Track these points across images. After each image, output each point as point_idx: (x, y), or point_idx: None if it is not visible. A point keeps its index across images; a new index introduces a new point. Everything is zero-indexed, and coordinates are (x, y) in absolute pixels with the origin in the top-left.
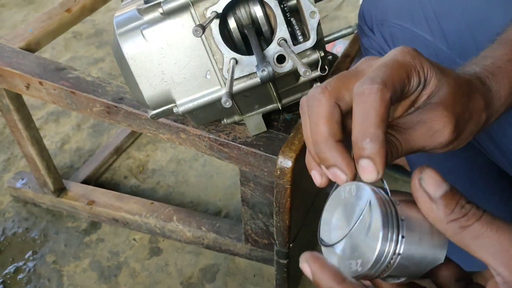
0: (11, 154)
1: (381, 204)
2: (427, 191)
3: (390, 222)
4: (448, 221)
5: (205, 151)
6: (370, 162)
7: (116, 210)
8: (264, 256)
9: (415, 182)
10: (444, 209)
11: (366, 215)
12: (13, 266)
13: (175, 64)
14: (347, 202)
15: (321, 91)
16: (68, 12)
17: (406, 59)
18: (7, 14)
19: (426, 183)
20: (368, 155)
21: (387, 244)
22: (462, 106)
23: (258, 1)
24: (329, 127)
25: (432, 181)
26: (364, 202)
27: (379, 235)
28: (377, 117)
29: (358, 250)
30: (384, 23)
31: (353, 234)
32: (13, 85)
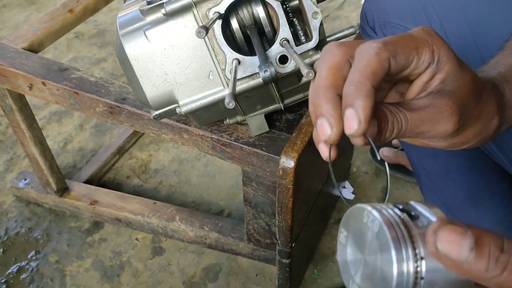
0: (14, 154)
1: (386, 220)
2: (450, 258)
3: (402, 239)
4: (487, 279)
5: (207, 151)
6: (352, 111)
7: (119, 210)
8: (266, 256)
9: (433, 250)
10: (478, 268)
11: (374, 237)
12: (16, 266)
13: (177, 64)
14: (351, 238)
15: (338, 44)
16: (71, 12)
17: (421, 34)
18: (9, 14)
19: (446, 249)
20: (352, 102)
21: (404, 264)
22: (473, 102)
23: (261, 2)
24: (333, 77)
25: (450, 244)
26: (367, 223)
27: (392, 256)
28: (367, 68)
29: (377, 277)
30: (386, 23)
31: (368, 260)
32: (16, 85)
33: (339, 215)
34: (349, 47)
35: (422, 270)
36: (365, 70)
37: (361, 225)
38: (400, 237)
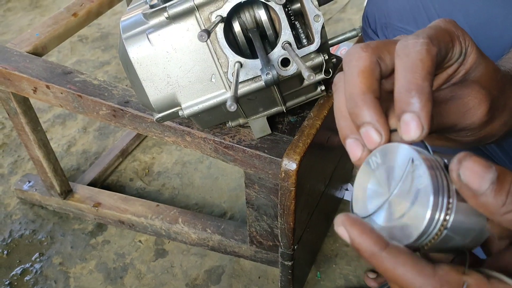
0: (18, 156)
1: (428, 163)
2: (470, 188)
3: (441, 185)
4: (502, 214)
5: (210, 153)
6: (415, 116)
7: (122, 212)
8: (268, 258)
9: (455, 178)
10: (495, 202)
11: (409, 176)
12: (20, 267)
13: (180, 67)
14: (382, 169)
15: (363, 46)
16: (74, 16)
17: (449, 26)
18: (13, 18)
19: (468, 178)
20: (413, 109)
21: (437, 213)
22: (498, 90)
23: (263, 5)
24: (369, 81)
25: (473, 174)
26: (404, 162)
27: (429, 202)
28: (423, 69)
29: (402, 219)
30: (388, 26)
31: (395, 200)
32: (20, 88)
33: None
34: (376, 48)
35: (449, 222)
36: (420, 70)
37: (401, 168)
38: (440, 185)
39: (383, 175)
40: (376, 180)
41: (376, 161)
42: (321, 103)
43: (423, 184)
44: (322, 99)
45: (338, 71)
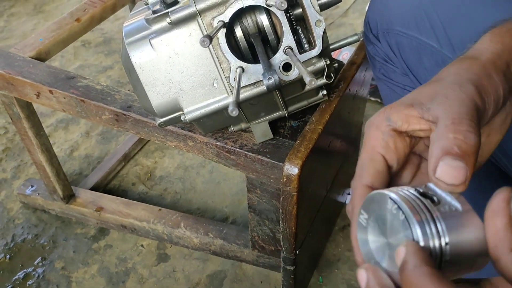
0: (21, 161)
1: (403, 198)
2: (446, 182)
3: (426, 222)
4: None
5: (212, 158)
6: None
7: (124, 217)
8: (271, 263)
9: (433, 180)
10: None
11: (395, 217)
12: (23, 272)
13: (182, 72)
14: (372, 221)
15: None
16: (78, 21)
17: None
18: (17, 23)
19: (442, 174)
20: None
21: (431, 242)
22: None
23: (264, 10)
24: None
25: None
26: (385, 207)
27: (418, 233)
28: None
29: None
30: (389, 31)
31: (393, 243)
32: (23, 93)
33: (344, 222)
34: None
35: (446, 240)
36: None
37: (383, 211)
38: (423, 218)
39: (375, 226)
40: (373, 233)
41: (364, 217)
42: (323, 108)
43: (408, 223)
44: (324, 104)
45: (339, 76)
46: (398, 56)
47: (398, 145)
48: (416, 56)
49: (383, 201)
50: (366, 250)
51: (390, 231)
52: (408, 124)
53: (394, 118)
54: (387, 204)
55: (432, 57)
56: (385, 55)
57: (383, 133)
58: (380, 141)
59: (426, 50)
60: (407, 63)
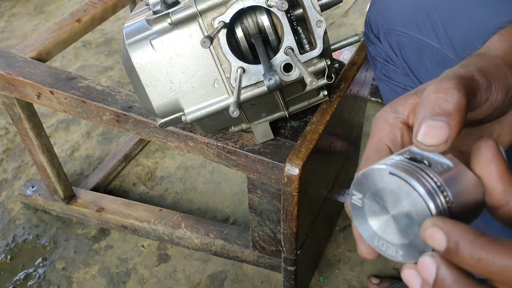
0: (22, 161)
1: (402, 168)
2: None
3: (416, 173)
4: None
5: (213, 158)
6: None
7: (125, 217)
8: (271, 263)
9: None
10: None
11: (393, 189)
12: (24, 272)
13: (183, 73)
14: (367, 199)
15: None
16: (78, 22)
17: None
18: (18, 23)
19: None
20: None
21: (436, 197)
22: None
23: (265, 11)
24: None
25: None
26: (382, 181)
27: (423, 194)
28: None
29: (414, 225)
30: (390, 31)
31: (397, 216)
32: (24, 94)
33: (345, 222)
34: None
35: (449, 195)
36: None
37: (380, 185)
38: (425, 182)
39: (373, 203)
40: (371, 212)
41: (358, 198)
42: (324, 108)
43: (409, 188)
44: (325, 104)
45: (340, 76)
46: (399, 56)
47: (406, 138)
48: (417, 56)
49: (378, 175)
50: (369, 234)
51: (392, 204)
52: (414, 114)
53: (401, 109)
54: (384, 177)
55: (433, 57)
56: (386, 55)
57: (390, 125)
58: (387, 133)
59: (427, 50)
60: (408, 63)
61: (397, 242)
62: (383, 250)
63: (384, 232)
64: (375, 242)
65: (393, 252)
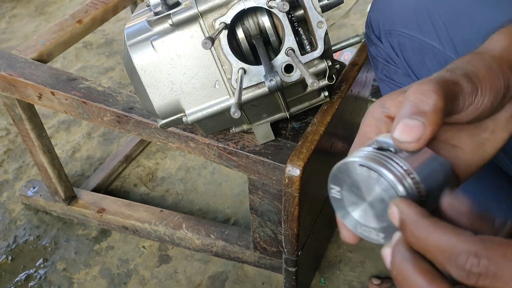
0: (23, 162)
1: (367, 158)
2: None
3: (383, 160)
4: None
5: (214, 159)
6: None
7: (126, 218)
8: (272, 264)
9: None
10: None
11: (366, 178)
12: (24, 273)
13: (184, 74)
14: (345, 191)
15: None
16: (79, 23)
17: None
18: (19, 24)
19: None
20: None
21: (403, 179)
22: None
23: (266, 12)
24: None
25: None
26: (355, 172)
27: (392, 179)
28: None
29: (386, 202)
30: (392, 32)
31: (372, 202)
32: (25, 95)
33: None
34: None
35: (416, 177)
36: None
37: (354, 177)
38: (391, 167)
39: (350, 194)
40: (350, 202)
41: (336, 191)
42: (325, 109)
43: (377, 174)
44: (326, 105)
45: (341, 77)
46: (400, 57)
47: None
48: (418, 57)
49: (350, 168)
50: (352, 223)
51: (366, 192)
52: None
53: (388, 104)
54: (355, 169)
55: (434, 58)
56: (387, 56)
57: (376, 119)
58: (373, 127)
59: (428, 51)
60: (409, 64)
61: (377, 226)
62: (366, 236)
63: (364, 219)
64: (358, 229)
65: (375, 236)
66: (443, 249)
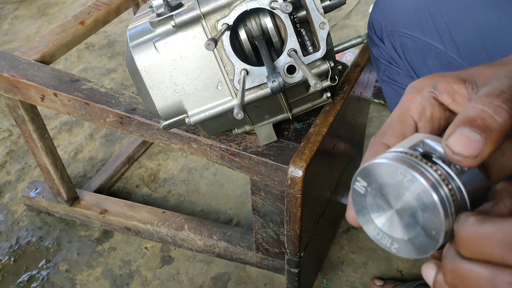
0: (25, 163)
1: (411, 165)
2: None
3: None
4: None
5: (216, 160)
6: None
7: (128, 219)
8: (275, 265)
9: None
10: None
11: (400, 184)
12: (27, 274)
13: (186, 75)
14: (372, 190)
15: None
16: (82, 24)
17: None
18: (21, 26)
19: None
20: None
21: (440, 188)
22: None
23: (268, 13)
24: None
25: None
26: (390, 174)
27: (428, 188)
28: None
29: (418, 219)
30: (394, 33)
31: (401, 211)
32: (28, 96)
33: (348, 224)
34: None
35: (455, 187)
36: None
37: (389, 181)
38: (437, 185)
39: (375, 195)
40: (373, 203)
41: (361, 184)
42: (327, 110)
43: (415, 183)
44: (328, 106)
45: (343, 78)
46: (402, 58)
47: (435, 115)
48: (421, 57)
49: (389, 169)
50: (368, 222)
51: (397, 200)
52: (452, 100)
53: (441, 88)
54: (395, 173)
55: (437, 59)
56: (389, 56)
57: (423, 97)
58: (417, 105)
59: (430, 51)
60: (411, 64)
61: (398, 236)
62: (377, 239)
63: (387, 226)
64: (372, 231)
65: (387, 243)
66: (499, 239)
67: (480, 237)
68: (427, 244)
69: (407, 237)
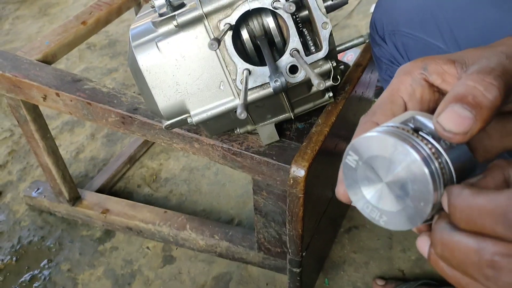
0: (27, 163)
1: (402, 139)
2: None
3: (417, 143)
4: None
5: (218, 160)
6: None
7: (130, 219)
8: (276, 265)
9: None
10: None
11: (391, 157)
12: (29, 274)
13: (189, 75)
14: (363, 163)
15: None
16: (84, 24)
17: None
18: (22, 26)
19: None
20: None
21: (431, 163)
22: None
23: (271, 13)
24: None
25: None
26: (381, 148)
27: (418, 160)
28: None
29: (409, 191)
30: (396, 32)
31: (391, 183)
32: (30, 96)
33: (350, 223)
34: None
35: (444, 161)
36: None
37: (382, 154)
38: (428, 158)
39: (366, 168)
40: (364, 176)
41: (353, 158)
42: (329, 110)
43: (407, 155)
44: (330, 106)
45: (345, 77)
46: (404, 57)
47: (425, 96)
48: (423, 57)
49: (381, 142)
50: (358, 196)
51: (388, 173)
52: (441, 80)
53: (431, 69)
54: (387, 146)
55: None
56: (391, 56)
57: (413, 79)
58: (407, 86)
59: (432, 51)
60: None
61: (388, 209)
62: (366, 212)
63: (376, 199)
64: (362, 205)
65: (376, 216)
66: (490, 210)
67: (473, 209)
68: (415, 216)
69: (395, 209)
